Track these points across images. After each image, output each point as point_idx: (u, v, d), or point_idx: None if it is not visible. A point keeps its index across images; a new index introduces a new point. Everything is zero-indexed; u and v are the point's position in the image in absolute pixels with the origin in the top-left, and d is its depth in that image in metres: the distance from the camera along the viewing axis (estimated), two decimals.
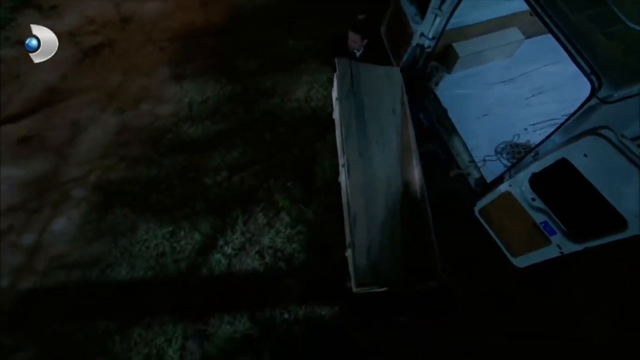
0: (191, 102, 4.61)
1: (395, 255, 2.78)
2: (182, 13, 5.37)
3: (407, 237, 2.84)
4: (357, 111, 3.22)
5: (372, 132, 3.18)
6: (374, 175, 3.01)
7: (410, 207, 2.96)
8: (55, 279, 3.78)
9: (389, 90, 3.41)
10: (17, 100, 4.74)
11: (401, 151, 3.18)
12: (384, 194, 2.97)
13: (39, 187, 4.23)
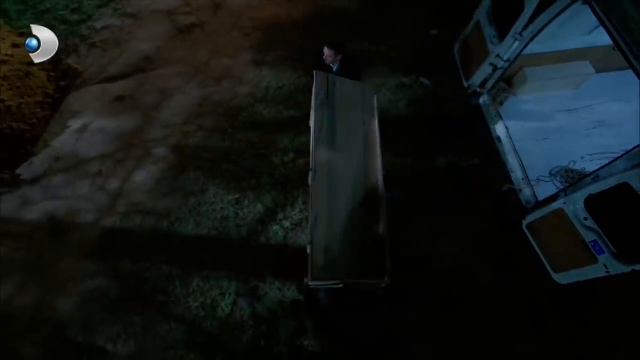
0: (268, 87, 5.04)
1: (350, 254, 2.98)
2: (268, 5, 5.84)
3: (363, 238, 3.05)
4: (329, 120, 3.43)
5: (341, 141, 3.38)
6: (338, 180, 3.23)
7: (369, 211, 3.17)
8: (131, 222, 4.26)
9: (361, 104, 3.64)
10: (117, 64, 5.34)
11: (366, 160, 3.40)
12: (346, 197, 3.18)
13: (126, 140, 4.76)
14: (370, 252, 3.02)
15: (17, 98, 4.81)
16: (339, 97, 3.54)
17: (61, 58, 5.39)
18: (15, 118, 4.73)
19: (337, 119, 3.45)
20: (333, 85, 3.56)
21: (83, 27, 5.65)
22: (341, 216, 3.08)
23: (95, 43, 5.54)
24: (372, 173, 3.34)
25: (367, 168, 3.35)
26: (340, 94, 3.55)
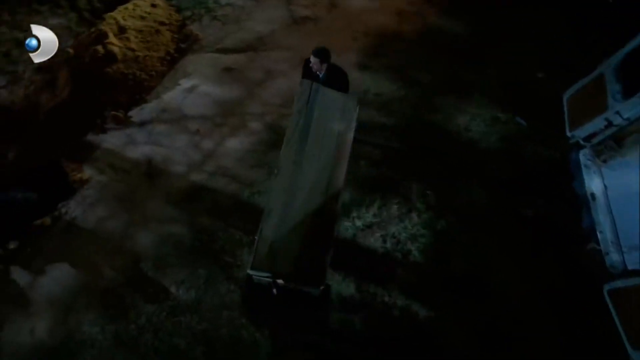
0: (367, 91, 5.19)
1: (293, 254, 3.06)
2: (380, 14, 6.03)
3: (309, 244, 3.11)
4: (304, 126, 3.54)
5: (311, 147, 3.46)
6: (300, 182, 3.32)
7: (322, 219, 3.23)
8: (216, 183, 4.56)
9: (340, 116, 3.67)
10: (233, 38, 5.76)
11: (332, 169, 3.43)
12: (303, 201, 3.25)
13: (227, 109, 5.11)
14: (311, 258, 3.08)
15: (145, 50, 5.33)
16: (319, 105, 3.63)
17: (186, 24, 5.92)
18: (140, 67, 5.24)
19: (313, 126, 3.55)
20: (315, 93, 3.67)
21: (210, 1, 6.16)
22: (294, 217, 3.18)
23: (217, 16, 6.00)
24: (334, 183, 3.39)
25: (331, 177, 3.40)
26: (321, 103, 3.64)
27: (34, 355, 3.82)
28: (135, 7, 5.64)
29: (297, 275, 3.06)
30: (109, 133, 4.98)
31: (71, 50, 5.10)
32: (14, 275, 4.18)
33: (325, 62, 3.77)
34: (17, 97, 5.31)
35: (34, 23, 5.93)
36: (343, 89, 3.86)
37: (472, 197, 4.38)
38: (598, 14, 5.66)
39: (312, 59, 3.76)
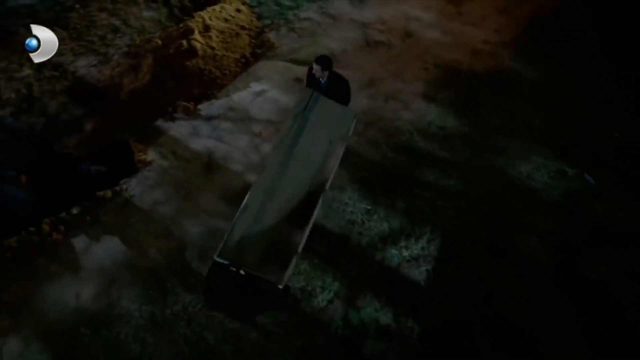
0: (431, 122, 5.16)
1: (260, 250, 3.16)
2: (453, 49, 6.03)
3: (278, 244, 3.21)
4: (297, 131, 3.64)
5: (300, 151, 3.56)
6: (282, 185, 3.41)
7: (295, 224, 3.31)
8: None
9: (335, 125, 3.76)
10: (306, 51, 5.96)
11: (317, 176, 3.50)
12: (280, 204, 3.34)
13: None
14: (276, 257, 3.18)
15: (223, 50, 5.61)
16: (316, 113, 3.75)
17: (265, 31, 6.18)
18: (216, 65, 5.50)
19: (306, 132, 3.66)
20: (315, 101, 3.79)
21: (290, 13, 6.42)
22: (268, 216, 3.29)
23: (294, 29, 6.24)
24: (316, 191, 3.46)
25: (313, 184, 3.47)
26: (318, 111, 3.76)
27: (75, 318, 3.98)
28: (221, 9, 5.97)
29: (259, 267, 3.14)
30: (177, 122, 5.22)
31: (159, 41, 5.46)
32: (72, 239, 4.41)
33: (326, 69, 3.91)
34: (104, 76, 5.74)
35: (131, 13, 6.46)
36: (344, 96, 4.07)
37: (529, 250, 4.19)
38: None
39: (314, 66, 3.90)
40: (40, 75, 5.86)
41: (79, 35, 6.32)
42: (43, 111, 5.51)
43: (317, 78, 4.00)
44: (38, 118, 5.44)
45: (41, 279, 4.23)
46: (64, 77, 5.82)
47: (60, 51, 6.00)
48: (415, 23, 6.30)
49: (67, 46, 6.19)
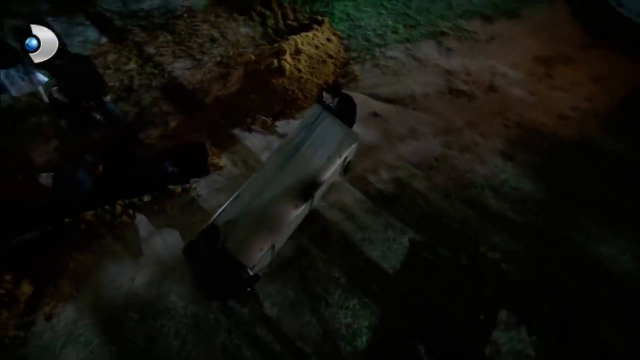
0: (505, 181, 4.96)
1: (240, 238, 3.53)
2: (539, 111, 5.81)
3: (257, 238, 3.58)
4: (300, 142, 4.00)
5: (299, 159, 3.91)
6: (273, 187, 3.77)
7: (277, 224, 3.68)
8: (332, 215, 4.64)
9: (337, 144, 4.03)
10: (387, 88, 6.05)
11: (308, 185, 3.83)
12: (268, 202, 3.71)
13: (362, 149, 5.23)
14: (253, 247, 3.54)
15: (309, 75, 5.83)
16: (321, 129, 4.07)
17: (350, 63, 6.37)
18: (299, 87, 5.72)
19: (307, 144, 3.99)
20: (323, 119, 4.11)
21: (377, 50, 6.58)
22: (255, 211, 3.67)
23: (379, 65, 6.37)
24: (303, 198, 3.80)
25: (301, 192, 3.81)
26: (324, 127, 4.08)
27: (126, 300, 4.14)
28: (314, 36, 6.26)
29: (235, 251, 3.42)
30: (253, 134, 5.45)
31: (252, 56, 5.80)
32: (139, 224, 4.65)
33: (336, 97, 4.18)
34: (195, 79, 6.17)
35: (229, 28, 6.96)
36: (350, 115, 4.33)
37: (605, 344, 3.78)
38: None
39: (324, 94, 4.18)
40: (142, 70, 6.42)
41: (181, 40, 6.90)
42: (137, 102, 6.00)
43: (327, 104, 4.25)
44: (132, 107, 5.92)
45: (105, 255, 4.48)
46: (161, 75, 6.34)
47: (162, 52, 6.60)
48: (501, 79, 6.19)
49: (170, 48, 6.77)
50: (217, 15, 7.31)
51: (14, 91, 5.69)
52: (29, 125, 5.82)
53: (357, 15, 7.23)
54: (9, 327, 4.00)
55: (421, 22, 7.06)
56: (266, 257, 3.78)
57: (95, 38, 7.13)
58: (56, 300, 4.21)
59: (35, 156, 5.52)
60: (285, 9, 7.35)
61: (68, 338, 4.00)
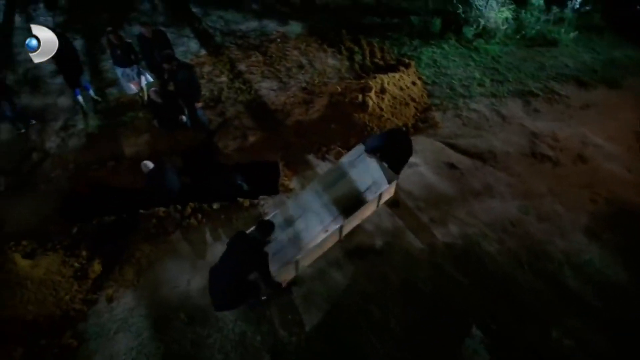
0: (588, 262, 4.50)
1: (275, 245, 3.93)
2: (635, 190, 5.30)
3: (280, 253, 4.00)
4: (340, 175, 4.52)
5: (334, 190, 4.40)
6: (309, 209, 4.27)
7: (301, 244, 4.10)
8: (391, 258, 4.49)
9: (371, 183, 4.45)
10: (467, 140, 5.88)
11: (338, 215, 4.22)
12: (299, 222, 4.20)
13: (433, 198, 5.13)
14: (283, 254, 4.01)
15: (389, 114, 5.88)
16: (360, 166, 4.52)
17: (431, 109, 6.33)
18: (379, 125, 5.77)
19: (346, 179, 4.49)
20: (364, 157, 4.58)
21: (460, 100, 6.49)
22: (289, 225, 4.18)
23: (461, 115, 6.26)
24: (332, 223, 4.21)
25: (331, 219, 4.23)
26: (364, 166, 4.52)
27: (180, 301, 4.24)
28: (400, 78, 6.34)
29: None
30: (326, 162, 5.52)
31: (339, 88, 5.98)
32: (204, 229, 4.82)
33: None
34: (279, 101, 6.47)
35: (318, 57, 7.26)
36: (404, 153, 4.54)
37: None
38: None
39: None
40: (231, 84, 6.88)
41: (272, 62, 7.33)
42: (222, 113, 6.39)
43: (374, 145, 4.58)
44: (217, 117, 6.31)
45: (168, 252, 4.67)
46: (247, 92, 6.73)
47: (252, 70, 7.02)
48: (592, 149, 5.79)
49: (260, 68, 7.21)
50: (308, 44, 7.70)
51: (125, 87, 6.34)
52: (127, 118, 6.40)
53: (444, 63, 7.25)
54: (76, 300, 4.25)
55: (510, 78, 6.91)
56: (289, 270, 4.07)
57: (196, 50, 7.81)
58: (119, 285, 4.42)
59: (126, 146, 6.01)
60: (374, 48, 7.58)
61: (122, 324, 4.15)
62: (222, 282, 3.47)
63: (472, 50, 7.52)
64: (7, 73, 7.19)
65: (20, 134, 6.21)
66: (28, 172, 5.72)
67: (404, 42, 7.79)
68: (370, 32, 8.03)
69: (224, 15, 8.71)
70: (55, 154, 5.96)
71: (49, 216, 5.13)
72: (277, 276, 3.90)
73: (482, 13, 7.64)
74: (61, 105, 6.74)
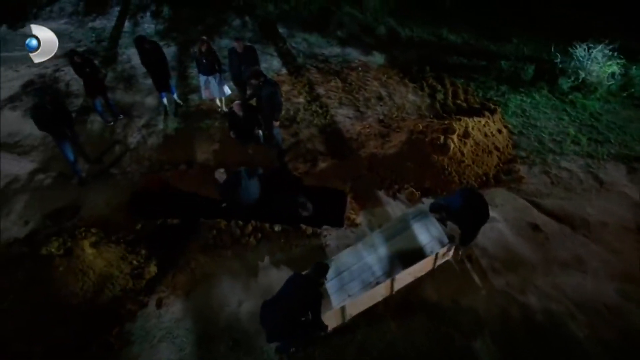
0: None
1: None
2: None
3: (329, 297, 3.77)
4: (397, 231, 4.23)
5: (389, 245, 4.13)
6: (363, 260, 4.04)
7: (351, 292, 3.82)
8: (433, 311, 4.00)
9: (426, 242, 4.11)
10: (555, 201, 5.27)
11: (389, 270, 3.94)
12: (352, 271, 3.97)
13: (512, 261, 4.58)
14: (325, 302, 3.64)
15: (470, 161, 5.47)
16: (417, 225, 4.23)
17: (516, 161, 5.80)
18: (457, 170, 5.37)
19: (402, 236, 4.18)
20: (421, 217, 4.29)
21: (550, 156, 5.90)
22: (343, 272, 3.94)
23: (549, 173, 5.66)
24: (382, 277, 3.88)
25: (382, 273, 3.91)
26: (420, 225, 4.23)
27: (228, 323, 4.07)
28: (486, 124, 5.93)
29: None
30: (397, 201, 5.21)
31: (420, 125, 5.69)
32: (261, 250, 4.67)
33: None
34: (354, 130, 6.32)
35: (398, 91, 7.07)
36: (479, 218, 4.13)
37: None
38: None
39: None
40: (308, 107, 6.87)
41: (350, 90, 7.25)
42: (296, 133, 6.35)
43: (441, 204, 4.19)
44: (290, 137, 6.28)
45: (223, 267, 4.56)
46: (323, 116, 6.67)
47: (330, 95, 6.97)
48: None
49: (338, 94, 7.16)
50: (389, 76, 7.55)
51: (204, 94, 6.56)
52: (204, 125, 6.59)
53: (534, 114, 6.72)
54: (129, 299, 4.24)
55: (611, 139, 6.20)
56: (335, 316, 3.84)
57: (277, 68, 7.98)
58: (170, 291, 4.37)
59: (198, 152, 6.15)
60: (457, 88, 7.25)
61: (167, 334, 4.05)
62: (277, 317, 3.26)
63: (566, 103, 6.90)
64: (108, 70, 7.80)
65: (108, 127, 6.60)
66: (108, 162, 6.01)
67: (490, 86, 7.37)
68: (455, 71, 7.71)
69: (308, 38, 8.88)
70: (134, 149, 6.24)
71: (118, 208, 5.30)
72: (325, 321, 3.63)
73: (583, 65, 7.03)
74: (148, 104, 7.12)
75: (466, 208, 3.99)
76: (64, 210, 5.26)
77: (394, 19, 9.28)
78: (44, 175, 5.84)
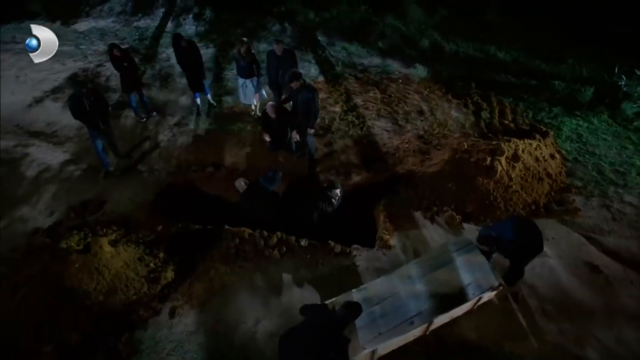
0: None
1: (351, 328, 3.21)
2: None
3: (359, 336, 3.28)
4: (442, 261, 3.74)
5: (435, 276, 3.63)
6: (398, 296, 3.52)
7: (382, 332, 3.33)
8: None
9: (471, 280, 3.58)
10: (620, 240, 4.66)
11: (428, 310, 3.42)
12: (386, 308, 3.46)
13: (566, 304, 4.03)
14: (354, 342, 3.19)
15: (518, 187, 4.95)
16: (461, 259, 3.72)
17: (571, 191, 5.24)
18: (503, 196, 4.87)
19: (444, 270, 3.67)
20: (468, 250, 3.76)
21: (611, 188, 5.30)
22: (375, 308, 3.44)
23: (610, 207, 5.08)
24: (418, 318, 3.39)
25: (419, 313, 3.41)
26: (465, 258, 3.72)
27: (243, 342, 3.74)
28: (537, 148, 5.41)
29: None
30: (434, 225, 4.77)
31: (465, 145, 5.24)
32: (285, 265, 4.34)
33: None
34: (391, 144, 5.95)
35: (440, 106, 6.64)
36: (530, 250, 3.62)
37: None
38: None
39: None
40: (344, 116, 6.56)
41: (389, 102, 6.89)
42: (330, 143, 6.04)
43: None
44: (323, 146, 5.97)
45: (243, 280, 4.25)
46: (359, 127, 6.33)
47: (368, 106, 6.62)
48: None
49: (376, 105, 6.81)
50: (431, 91, 7.15)
51: (242, 97, 6.40)
52: (235, 127, 6.40)
53: (592, 140, 6.11)
54: (142, 304, 4.01)
55: None
56: (364, 358, 3.37)
57: (314, 75, 7.75)
58: (185, 300, 4.10)
59: (227, 155, 5.94)
60: (505, 107, 6.76)
61: (178, 347, 3.77)
62: (299, 355, 2.88)
63: (630, 130, 6.25)
64: (147, 68, 7.83)
65: (141, 123, 6.54)
66: (137, 158, 5.90)
67: (542, 107, 6.81)
68: (502, 90, 7.21)
69: (348, 47, 8.64)
70: (164, 147, 6.11)
71: (142, 206, 5.13)
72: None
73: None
74: (181, 103, 7.03)
75: (520, 242, 3.51)
76: (89, 204, 5.15)
77: (439, 32, 8.90)
78: (74, 166, 5.79)
